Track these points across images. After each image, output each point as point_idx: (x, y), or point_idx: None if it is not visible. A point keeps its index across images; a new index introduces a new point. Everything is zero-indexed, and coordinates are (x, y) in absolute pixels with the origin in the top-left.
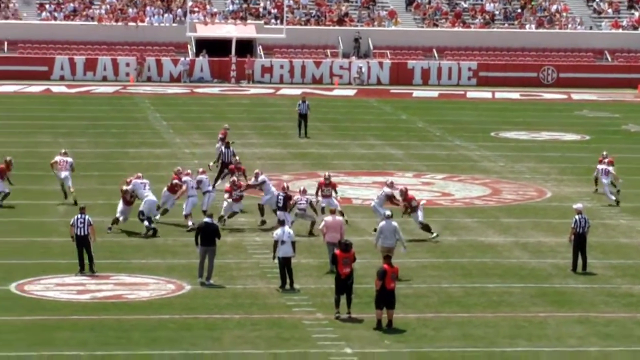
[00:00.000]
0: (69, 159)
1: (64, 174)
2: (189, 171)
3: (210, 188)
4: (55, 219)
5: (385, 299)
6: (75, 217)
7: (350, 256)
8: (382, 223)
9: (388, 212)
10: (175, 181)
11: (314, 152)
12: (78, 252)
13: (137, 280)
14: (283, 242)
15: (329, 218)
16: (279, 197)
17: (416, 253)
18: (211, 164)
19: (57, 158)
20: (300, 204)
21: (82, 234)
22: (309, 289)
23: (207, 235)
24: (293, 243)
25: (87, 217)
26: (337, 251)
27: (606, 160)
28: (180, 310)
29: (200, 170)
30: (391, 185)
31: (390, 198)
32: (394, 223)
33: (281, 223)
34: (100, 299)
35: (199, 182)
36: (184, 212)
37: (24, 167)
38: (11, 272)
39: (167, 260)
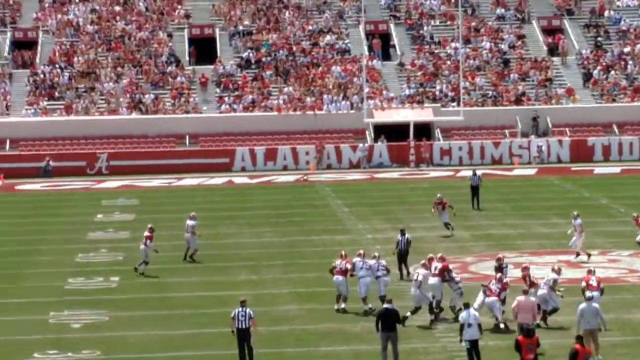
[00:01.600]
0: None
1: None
2: (361, 252)
3: (380, 273)
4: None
5: None
6: (237, 310)
7: (534, 342)
8: (583, 305)
9: (589, 294)
10: (347, 265)
11: (496, 233)
12: (239, 346)
13: None
14: (469, 324)
15: (521, 298)
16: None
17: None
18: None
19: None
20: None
21: (243, 327)
22: None
23: (388, 321)
24: (479, 325)
25: (248, 310)
26: (519, 337)
27: None
28: None
29: (376, 254)
30: (558, 271)
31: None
32: (595, 305)
33: (466, 306)
34: None
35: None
36: (359, 294)
37: (207, 259)
38: None
39: (353, 347)
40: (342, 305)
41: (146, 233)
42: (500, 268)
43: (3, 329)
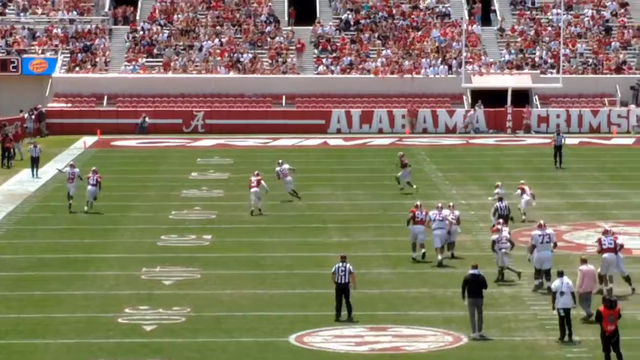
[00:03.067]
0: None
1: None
2: (440, 204)
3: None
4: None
5: None
6: (337, 265)
7: (615, 313)
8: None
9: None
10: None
11: (592, 202)
12: (337, 301)
13: (415, 332)
14: (562, 292)
15: (583, 267)
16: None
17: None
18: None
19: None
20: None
21: (343, 282)
22: (588, 341)
23: (475, 287)
24: (572, 294)
25: (348, 265)
26: (601, 308)
27: None
28: None
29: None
30: None
31: None
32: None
33: (559, 274)
34: (379, 351)
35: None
36: (435, 246)
37: (301, 219)
38: (291, 324)
39: (444, 312)
40: (423, 251)
41: (255, 178)
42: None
43: (96, 283)
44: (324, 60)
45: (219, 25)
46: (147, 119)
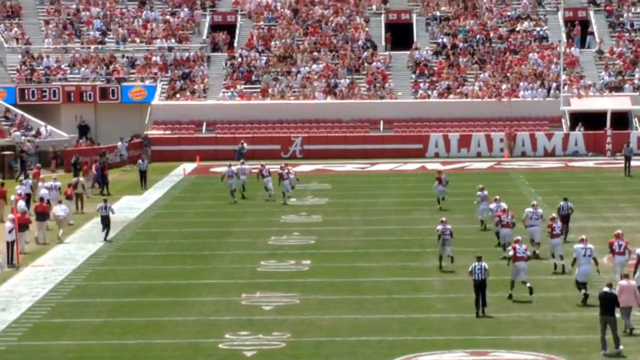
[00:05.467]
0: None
1: None
2: (534, 202)
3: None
4: (432, 295)
5: None
6: (474, 264)
7: None
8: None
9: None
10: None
11: None
12: (476, 296)
13: (516, 356)
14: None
15: (623, 282)
16: None
17: None
18: None
19: None
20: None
21: (480, 278)
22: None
23: (607, 305)
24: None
25: (483, 264)
26: None
27: None
28: None
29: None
30: None
31: None
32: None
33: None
34: None
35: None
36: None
37: (400, 244)
38: (391, 349)
39: (545, 336)
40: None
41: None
42: None
43: (197, 309)
44: (421, 85)
45: (316, 51)
46: (245, 145)
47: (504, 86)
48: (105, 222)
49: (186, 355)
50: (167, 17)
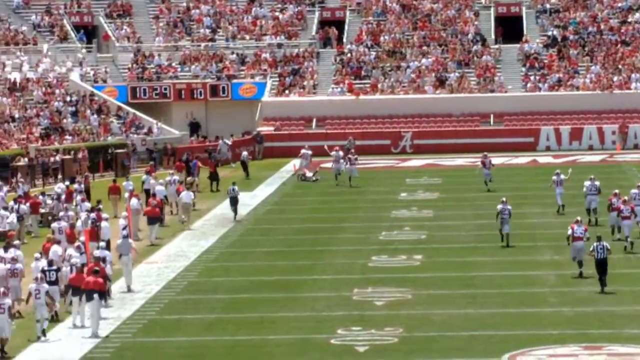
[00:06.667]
0: None
1: None
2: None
3: None
4: (544, 290)
5: None
6: (595, 244)
7: None
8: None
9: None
10: None
11: None
12: (598, 273)
13: (632, 350)
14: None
15: None
16: None
17: None
18: None
19: None
20: None
21: (602, 257)
22: None
23: None
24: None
25: (604, 243)
26: None
27: None
28: None
29: None
30: None
31: None
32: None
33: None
34: None
35: None
36: None
37: (513, 238)
38: (504, 344)
39: None
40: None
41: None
42: None
43: (309, 304)
44: (531, 78)
45: (425, 45)
46: (353, 141)
47: (615, 78)
48: (234, 203)
49: (299, 351)
50: (276, 13)
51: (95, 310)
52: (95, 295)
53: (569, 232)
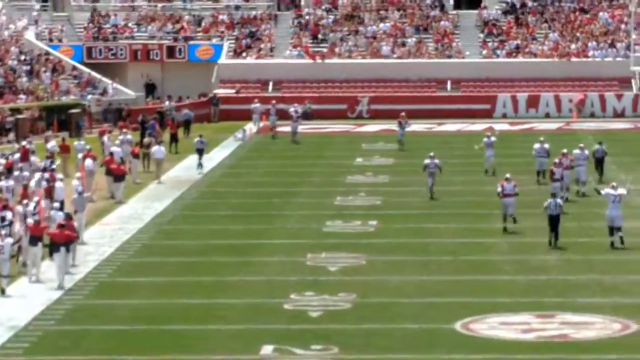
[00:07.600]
0: None
1: None
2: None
3: None
4: (499, 258)
5: None
6: (549, 200)
7: None
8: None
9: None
10: None
11: None
12: (550, 231)
13: (583, 319)
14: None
15: None
16: None
17: None
18: None
19: None
20: None
21: (554, 213)
22: None
23: None
24: None
25: (558, 200)
26: None
27: None
28: (627, 350)
29: None
30: None
31: None
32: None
33: None
34: (546, 338)
35: None
36: None
37: (467, 205)
38: (457, 311)
39: (613, 299)
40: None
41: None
42: None
43: (262, 269)
44: (489, 44)
45: (383, 9)
46: (310, 105)
47: (572, 46)
48: (200, 152)
49: (252, 315)
50: None
51: (62, 262)
52: (62, 248)
53: (499, 189)
